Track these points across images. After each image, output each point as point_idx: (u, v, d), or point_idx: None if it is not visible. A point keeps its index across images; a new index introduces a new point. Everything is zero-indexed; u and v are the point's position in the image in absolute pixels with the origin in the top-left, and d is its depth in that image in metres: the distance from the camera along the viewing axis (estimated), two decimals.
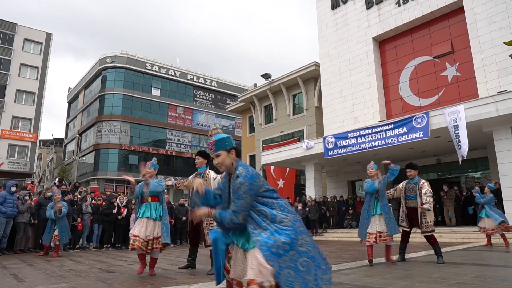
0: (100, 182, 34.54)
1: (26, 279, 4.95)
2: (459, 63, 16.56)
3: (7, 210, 9.04)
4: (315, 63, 22.39)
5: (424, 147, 14.97)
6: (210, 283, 4.36)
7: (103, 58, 39.46)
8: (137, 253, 5.25)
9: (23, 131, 31.06)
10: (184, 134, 41.35)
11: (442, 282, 4.22)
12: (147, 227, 5.12)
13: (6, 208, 9.05)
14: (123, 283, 4.48)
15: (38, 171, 47.01)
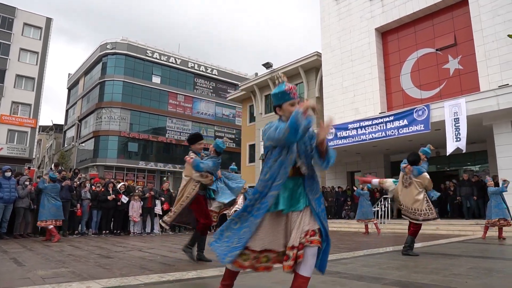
0: (100, 169, 34.59)
1: (25, 263, 5.00)
2: (461, 56, 16.47)
3: (3, 195, 9.09)
4: (316, 53, 22.26)
5: (424, 139, 14.94)
6: (208, 270, 4.40)
7: (104, 44, 39.19)
8: None
9: (22, 117, 31.01)
10: (184, 122, 41.30)
11: (438, 273, 4.26)
12: None
13: (3, 193, 9.10)
14: (122, 269, 4.53)
15: (37, 157, 47.06)
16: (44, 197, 9.00)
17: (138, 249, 7.11)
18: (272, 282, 3.72)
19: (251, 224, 2.43)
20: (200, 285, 3.53)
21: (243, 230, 2.45)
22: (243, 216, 2.50)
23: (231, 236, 2.48)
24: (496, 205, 9.27)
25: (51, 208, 8.87)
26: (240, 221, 2.50)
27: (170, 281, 3.71)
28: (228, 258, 2.41)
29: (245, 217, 2.49)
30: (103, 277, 3.91)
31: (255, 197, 2.48)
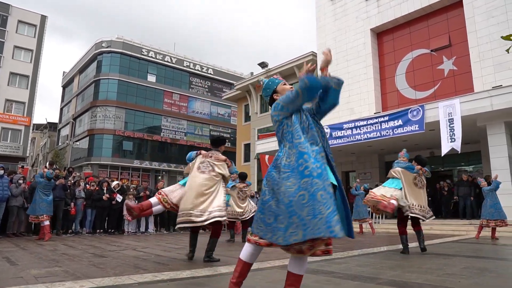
0: (94, 168, 34.42)
1: (18, 263, 4.96)
2: (456, 57, 16.57)
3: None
4: (312, 53, 22.30)
5: (418, 139, 15.05)
6: (203, 269, 4.39)
7: (99, 42, 38.99)
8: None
9: (16, 115, 30.79)
10: (179, 121, 41.19)
11: (432, 273, 4.29)
12: None
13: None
14: (116, 268, 4.50)
15: (31, 155, 46.74)
16: (37, 192, 9.00)
17: (132, 248, 7.08)
18: (266, 281, 3.72)
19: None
20: (194, 284, 3.52)
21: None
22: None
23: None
24: (493, 205, 9.20)
25: (41, 203, 8.87)
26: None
27: (164, 280, 3.70)
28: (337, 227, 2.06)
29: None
30: (97, 276, 3.89)
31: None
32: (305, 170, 2.23)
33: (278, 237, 2.25)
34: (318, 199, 2.11)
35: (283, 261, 5.29)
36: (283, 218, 2.24)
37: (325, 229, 2.03)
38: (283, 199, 2.24)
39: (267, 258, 5.61)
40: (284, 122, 2.48)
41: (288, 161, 2.34)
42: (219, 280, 3.81)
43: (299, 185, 2.20)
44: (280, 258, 5.66)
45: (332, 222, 2.03)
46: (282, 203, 2.26)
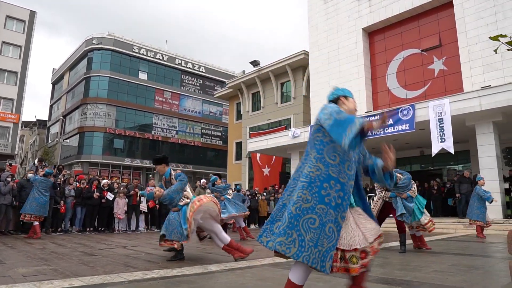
0: (84, 166, 34.11)
1: (6, 261, 4.91)
2: (446, 57, 16.74)
3: None
4: (304, 52, 22.35)
5: (409, 139, 15.19)
6: (193, 267, 4.39)
7: (89, 39, 38.60)
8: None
9: (4, 112, 30.35)
10: (170, 119, 41.00)
11: (420, 270, 4.34)
12: None
13: None
14: (105, 266, 4.48)
15: (20, 153, 46.15)
16: (34, 190, 8.91)
17: (123, 246, 7.05)
18: (256, 279, 3.73)
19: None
20: (184, 282, 3.52)
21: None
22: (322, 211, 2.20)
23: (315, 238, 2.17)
24: (479, 207, 9.39)
25: (33, 202, 8.77)
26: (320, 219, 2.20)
27: (154, 278, 3.69)
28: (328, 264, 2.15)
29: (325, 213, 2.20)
30: (86, 275, 3.87)
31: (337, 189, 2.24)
32: (326, 197, 2.21)
33: (269, 240, 2.27)
34: (326, 231, 2.16)
35: (273, 259, 5.31)
36: (280, 225, 2.24)
37: (318, 262, 2.12)
38: (290, 207, 2.23)
39: (257, 256, 5.62)
40: (322, 130, 2.37)
41: (310, 171, 2.28)
42: (208, 278, 3.82)
43: (314, 208, 2.19)
44: (271, 256, 5.68)
45: (327, 258, 2.14)
46: (287, 209, 2.25)
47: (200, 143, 42.52)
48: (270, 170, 23.14)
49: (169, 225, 4.91)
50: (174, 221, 4.90)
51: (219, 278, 3.80)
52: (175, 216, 4.95)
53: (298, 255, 2.11)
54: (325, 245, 2.14)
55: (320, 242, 2.13)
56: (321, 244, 2.13)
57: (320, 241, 2.14)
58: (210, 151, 43.29)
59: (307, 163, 2.33)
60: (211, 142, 43.63)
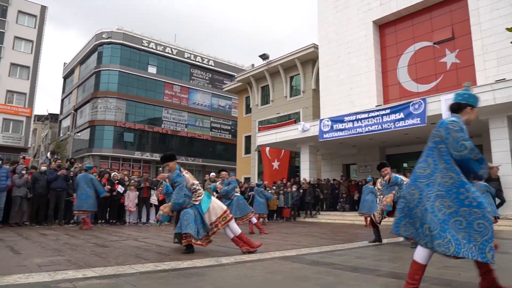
0: (95, 159, 34.48)
1: (22, 251, 5.00)
2: (459, 49, 16.48)
3: None
4: (313, 45, 22.20)
5: (420, 133, 15.03)
6: (203, 260, 4.43)
7: (99, 33, 38.82)
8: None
9: (17, 106, 30.78)
10: (180, 113, 41.16)
11: (432, 265, 4.31)
12: None
13: None
14: (117, 258, 4.54)
15: (33, 146, 46.79)
16: (80, 187, 9.38)
17: (134, 238, 7.13)
18: (266, 272, 3.75)
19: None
20: (195, 274, 3.55)
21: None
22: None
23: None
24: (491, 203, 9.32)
25: (79, 199, 9.30)
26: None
27: (165, 270, 3.73)
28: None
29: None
30: (99, 266, 3.93)
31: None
32: (466, 200, 2.57)
33: (427, 242, 2.65)
34: (475, 228, 2.51)
35: (283, 252, 5.33)
36: (431, 227, 2.62)
37: (478, 254, 2.47)
38: (437, 214, 2.61)
39: (266, 249, 5.65)
40: (444, 142, 2.76)
41: (444, 181, 2.66)
42: (219, 270, 3.85)
43: (457, 211, 2.57)
44: (280, 249, 5.70)
45: (485, 249, 2.46)
46: (435, 216, 2.61)
47: (209, 136, 42.64)
48: (279, 164, 23.15)
49: (184, 219, 4.91)
50: (189, 216, 4.90)
51: (230, 270, 3.83)
52: (189, 211, 4.95)
53: (458, 252, 2.48)
54: (478, 239, 2.48)
55: (473, 238, 2.50)
56: (474, 239, 2.49)
57: (472, 238, 2.50)
58: (219, 144, 43.41)
59: (439, 173, 2.70)
60: (220, 136, 43.73)
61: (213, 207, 5.05)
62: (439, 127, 2.82)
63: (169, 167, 5.28)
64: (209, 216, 4.98)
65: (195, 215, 4.92)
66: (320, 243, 6.79)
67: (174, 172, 5.16)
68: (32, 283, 3.04)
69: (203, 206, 4.99)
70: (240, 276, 3.53)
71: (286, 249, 5.68)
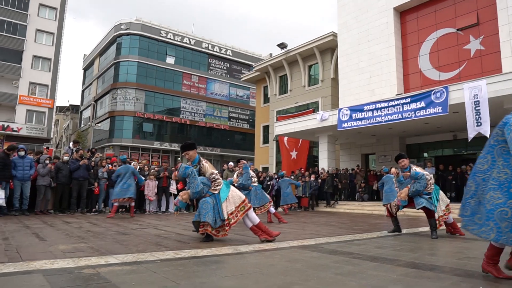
0: (115, 149, 35.13)
1: (47, 238, 5.16)
2: (483, 36, 15.94)
3: (17, 174, 9.46)
4: (332, 33, 21.86)
5: (441, 122, 14.71)
6: (222, 248, 4.47)
7: (118, 24, 39.20)
8: None
9: (40, 97, 31.52)
10: (198, 103, 41.38)
11: (453, 256, 4.25)
12: None
13: (17, 172, 9.46)
14: (138, 245, 4.64)
15: (55, 136, 47.96)
16: (120, 178, 9.90)
17: (154, 227, 7.26)
18: (284, 260, 3.76)
19: None
20: (214, 262, 3.59)
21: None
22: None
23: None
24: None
25: (120, 189, 9.79)
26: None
27: (185, 258, 3.79)
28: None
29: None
30: (121, 253, 4.02)
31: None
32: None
33: (473, 229, 3.04)
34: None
35: (302, 241, 5.33)
36: (480, 217, 2.99)
37: None
38: (486, 205, 2.93)
39: (285, 238, 5.66)
40: (505, 142, 2.91)
41: (498, 176, 2.92)
42: (238, 258, 3.88)
43: (505, 203, 2.80)
44: (299, 238, 5.71)
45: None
46: (483, 206, 2.96)
47: (227, 126, 42.80)
48: (297, 154, 23.06)
49: (202, 208, 4.95)
50: (208, 204, 4.94)
51: (248, 258, 3.86)
52: (208, 200, 4.99)
53: (498, 239, 2.81)
54: None
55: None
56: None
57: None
58: (237, 134, 43.54)
59: (495, 169, 2.96)
60: (238, 126, 43.83)
61: (232, 196, 5.07)
62: (502, 126, 2.96)
63: (189, 156, 5.31)
64: (228, 205, 5.00)
65: (213, 204, 4.95)
66: (339, 232, 6.76)
67: (181, 166, 5.16)
68: (57, 268, 3.14)
69: (222, 195, 5.00)
70: (259, 264, 3.55)
71: (304, 238, 5.69)
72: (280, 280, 2.88)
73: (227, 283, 2.73)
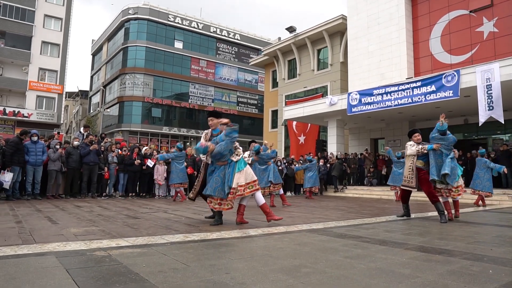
0: (125, 134, 35.36)
1: (59, 222, 5.26)
2: (497, 17, 15.54)
3: (29, 159, 9.61)
4: (342, 16, 21.50)
5: (452, 106, 14.49)
6: (232, 231, 4.51)
7: (126, 9, 38.98)
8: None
9: (49, 83, 31.69)
10: (206, 88, 41.29)
11: (462, 240, 4.24)
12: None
13: (29, 157, 9.60)
14: (148, 229, 4.70)
15: (65, 122, 48.40)
16: (173, 164, 10.87)
17: (163, 210, 7.35)
18: (294, 244, 3.79)
19: None
20: (224, 245, 3.63)
21: None
22: None
23: None
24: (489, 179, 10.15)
25: (179, 173, 10.71)
26: None
27: (194, 241, 3.83)
28: None
29: None
30: (131, 236, 4.08)
31: None
32: None
33: None
34: None
35: (310, 225, 5.36)
36: None
37: None
38: None
39: (293, 222, 5.69)
40: None
41: None
42: (247, 241, 3.91)
43: None
44: (308, 222, 5.74)
45: None
46: None
47: (236, 111, 42.72)
48: (305, 138, 23.01)
49: (213, 182, 5.06)
50: (219, 178, 5.06)
51: (258, 242, 3.90)
52: (220, 176, 5.08)
53: None
54: None
55: None
56: None
57: None
58: (246, 119, 43.46)
59: None
60: (247, 110, 43.73)
61: (246, 172, 5.21)
62: None
63: (213, 123, 5.48)
64: (240, 177, 5.10)
65: (223, 179, 5.08)
66: (348, 216, 6.78)
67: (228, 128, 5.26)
68: (69, 250, 3.20)
69: (239, 165, 5.15)
70: (268, 247, 3.58)
71: (313, 222, 5.71)
72: (289, 262, 2.90)
73: (236, 265, 2.76)
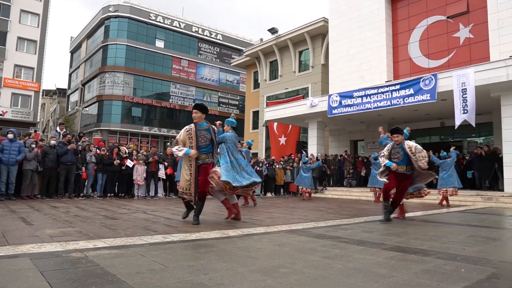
0: (104, 134, 34.76)
1: (34, 223, 5.13)
2: (473, 24, 16.01)
3: (2, 157, 9.26)
4: (323, 19, 21.73)
5: (430, 109, 14.85)
6: (211, 232, 4.50)
7: (106, 6, 38.36)
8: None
9: (26, 80, 30.84)
10: (188, 88, 41.02)
11: (437, 240, 4.34)
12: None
13: (2, 155, 9.27)
14: (127, 230, 4.64)
15: (42, 121, 47.23)
16: (180, 162, 10.10)
17: (142, 211, 7.26)
18: (273, 244, 3.81)
19: None
20: (203, 246, 3.62)
21: None
22: None
23: None
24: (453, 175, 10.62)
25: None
26: None
27: (173, 242, 3.81)
28: None
29: None
30: (109, 237, 4.02)
31: None
32: None
33: None
34: None
35: (290, 226, 5.39)
36: None
37: None
38: None
39: (273, 223, 5.72)
40: None
41: None
42: (226, 242, 3.91)
43: None
44: (287, 223, 5.77)
45: None
46: None
47: (217, 111, 42.58)
48: (286, 139, 23.13)
49: (223, 169, 5.72)
50: (228, 166, 5.81)
51: (237, 242, 3.90)
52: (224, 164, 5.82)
53: None
54: None
55: None
56: None
57: None
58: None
59: None
60: (228, 111, 43.65)
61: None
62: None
63: (197, 116, 5.45)
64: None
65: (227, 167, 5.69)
66: (327, 217, 6.85)
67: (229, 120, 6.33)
68: (44, 252, 3.13)
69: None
70: (248, 248, 3.58)
71: (292, 223, 5.75)
72: (268, 263, 2.92)
73: (215, 266, 2.76)
